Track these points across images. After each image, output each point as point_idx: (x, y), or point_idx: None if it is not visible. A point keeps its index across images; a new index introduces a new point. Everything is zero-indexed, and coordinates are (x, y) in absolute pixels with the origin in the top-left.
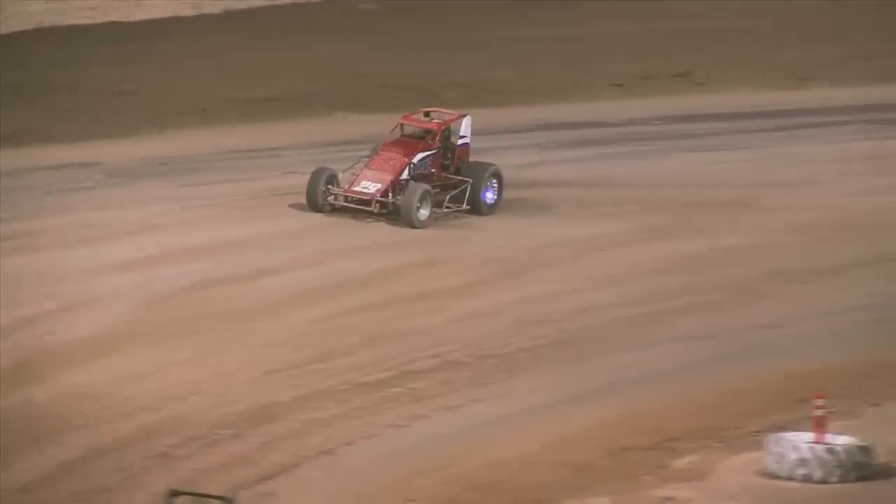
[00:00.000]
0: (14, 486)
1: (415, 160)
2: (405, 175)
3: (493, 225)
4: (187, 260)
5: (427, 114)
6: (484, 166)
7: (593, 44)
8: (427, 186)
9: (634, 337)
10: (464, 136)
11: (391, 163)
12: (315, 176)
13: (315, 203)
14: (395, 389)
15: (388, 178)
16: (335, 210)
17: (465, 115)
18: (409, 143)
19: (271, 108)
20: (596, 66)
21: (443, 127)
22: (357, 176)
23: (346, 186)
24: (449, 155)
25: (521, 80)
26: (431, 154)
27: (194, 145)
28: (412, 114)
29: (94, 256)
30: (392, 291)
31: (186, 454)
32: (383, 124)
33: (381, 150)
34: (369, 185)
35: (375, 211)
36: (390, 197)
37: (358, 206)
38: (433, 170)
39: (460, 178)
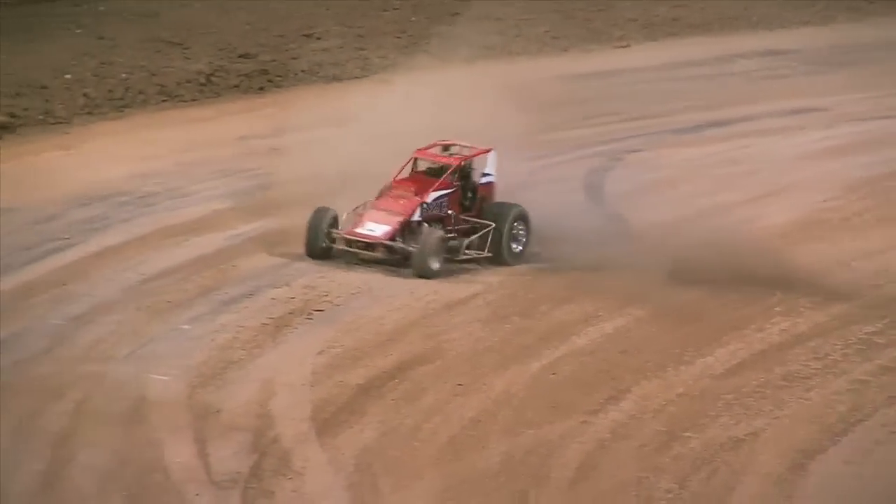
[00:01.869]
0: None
1: (428, 200)
2: (417, 216)
3: None
4: (886, 147)
5: (446, 147)
6: (508, 208)
7: None
8: (441, 232)
9: None
10: (488, 174)
11: (401, 202)
12: (316, 217)
13: (314, 248)
14: None
15: (397, 219)
16: (335, 256)
17: (489, 150)
18: (422, 180)
19: None
20: None
21: (462, 162)
22: (362, 216)
23: (349, 227)
24: (469, 194)
25: None
26: (448, 193)
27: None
28: (427, 147)
29: (795, 143)
30: None
31: (885, 342)
32: None
33: (392, 188)
34: (375, 228)
35: (381, 256)
36: (399, 241)
37: (361, 251)
38: (450, 211)
39: (481, 221)
